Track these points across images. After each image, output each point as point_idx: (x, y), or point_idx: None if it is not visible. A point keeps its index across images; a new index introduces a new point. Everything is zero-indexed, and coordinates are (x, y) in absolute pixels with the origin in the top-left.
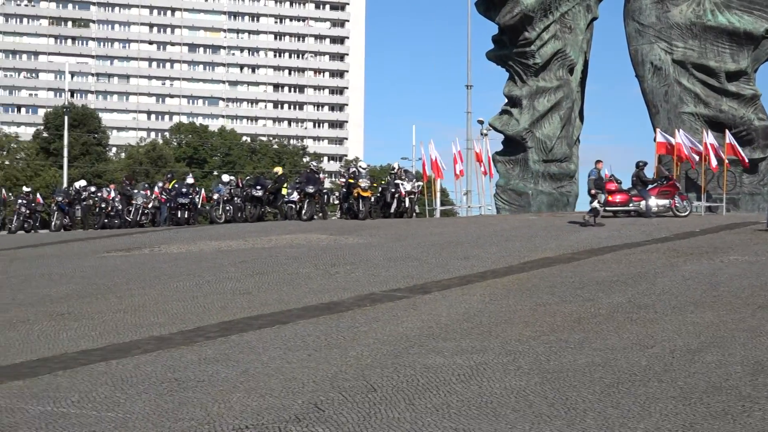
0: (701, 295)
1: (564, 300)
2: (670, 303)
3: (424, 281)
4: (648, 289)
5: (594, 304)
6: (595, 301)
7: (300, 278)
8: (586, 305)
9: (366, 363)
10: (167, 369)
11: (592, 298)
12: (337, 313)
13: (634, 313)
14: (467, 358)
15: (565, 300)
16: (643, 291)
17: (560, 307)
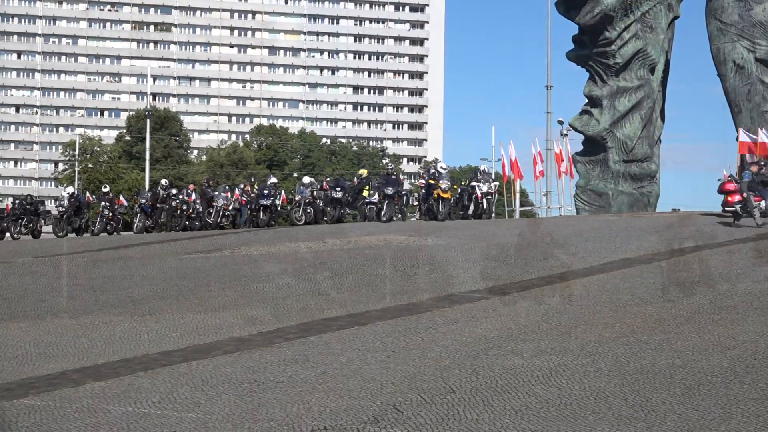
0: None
1: (644, 301)
2: (752, 304)
3: (503, 282)
4: (730, 290)
5: (675, 305)
6: (676, 302)
7: (379, 279)
8: (666, 306)
9: (445, 364)
10: (247, 370)
11: (673, 299)
12: (416, 314)
13: (715, 315)
14: (546, 360)
15: (645, 301)
16: (725, 292)
17: (640, 309)
